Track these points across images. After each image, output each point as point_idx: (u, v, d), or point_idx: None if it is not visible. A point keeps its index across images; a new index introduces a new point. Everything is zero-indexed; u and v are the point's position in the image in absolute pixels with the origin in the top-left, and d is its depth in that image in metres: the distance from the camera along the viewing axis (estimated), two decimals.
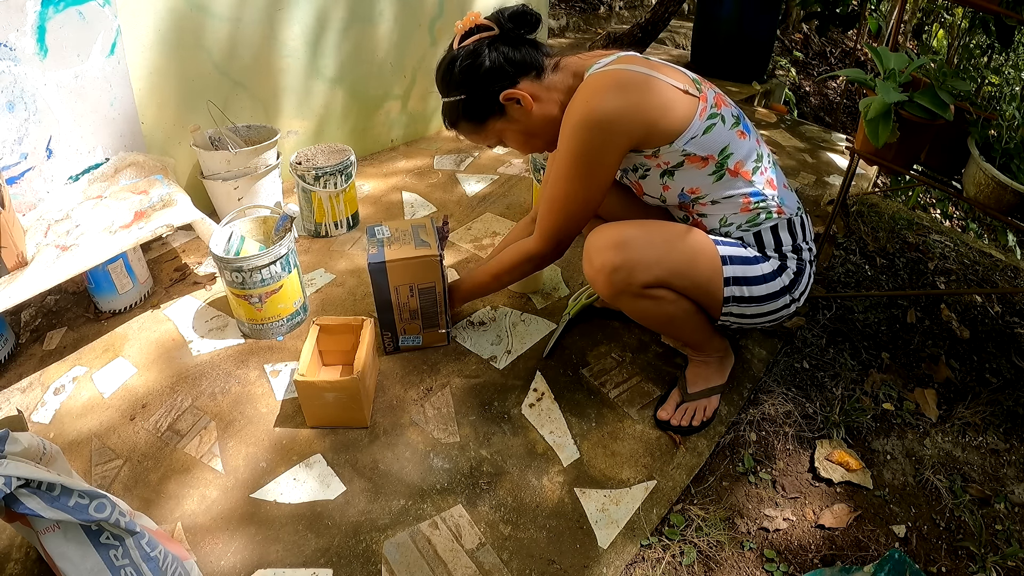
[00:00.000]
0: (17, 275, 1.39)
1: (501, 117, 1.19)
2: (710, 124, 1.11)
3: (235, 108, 2.03)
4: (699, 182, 1.16)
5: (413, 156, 2.55)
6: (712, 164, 1.14)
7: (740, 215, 1.18)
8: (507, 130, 1.21)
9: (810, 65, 4.72)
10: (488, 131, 1.22)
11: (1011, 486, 1.28)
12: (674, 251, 1.15)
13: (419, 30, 2.47)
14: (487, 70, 1.14)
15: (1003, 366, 1.60)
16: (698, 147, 1.11)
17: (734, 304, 1.19)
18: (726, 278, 1.16)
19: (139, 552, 0.93)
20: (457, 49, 1.15)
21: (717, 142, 1.12)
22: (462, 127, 1.23)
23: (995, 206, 1.49)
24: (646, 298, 1.17)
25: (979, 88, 3.18)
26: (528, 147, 1.26)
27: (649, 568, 1.11)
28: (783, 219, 1.20)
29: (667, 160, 1.14)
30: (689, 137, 1.10)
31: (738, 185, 1.16)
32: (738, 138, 1.15)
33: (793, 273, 1.21)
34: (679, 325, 1.24)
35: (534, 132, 1.21)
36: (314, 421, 1.32)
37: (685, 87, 1.11)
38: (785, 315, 1.25)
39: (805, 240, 1.23)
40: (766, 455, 1.32)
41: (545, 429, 1.33)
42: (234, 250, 1.56)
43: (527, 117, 1.18)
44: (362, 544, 1.12)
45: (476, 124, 1.21)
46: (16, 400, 1.42)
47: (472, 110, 1.18)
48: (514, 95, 1.15)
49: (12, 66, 1.50)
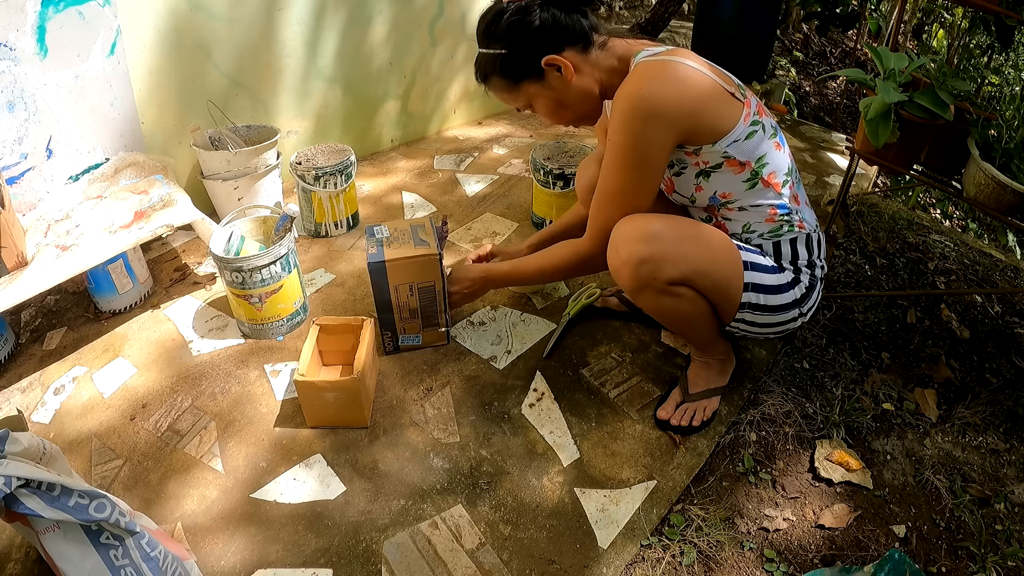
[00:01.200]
0: (17, 275, 1.39)
1: (537, 81, 1.15)
2: (752, 131, 1.11)
3: (235, 108, 2.03)
4: (732, 187, 1.16)
5: (413, 156, 2.55)
6: (748, 171, 1.13)
7: (764, 224, 1.19)
8: (540, 96, 1.17)
9: (810, 65, 4.72)
10: (520, 92, 1.18)
11: (1011, 486, 1.28)
12: (701, 249, 1.14)
13: (419, 30, 2.47)
14: (535, 29, 1.10)
15: (1003, 366, 1.60)
16: (738, 151, 1.11)
17: (748, 310, 1.19)
18: (745, 283, 1.16)
19: (139, 552, 0.93)
20: (507, 2, 1.11)
21: (756, 150, 1.12)
22: (494, 83, 1.18)
23: (995, 206, 1.49)
24: (668, 295, 1.15)
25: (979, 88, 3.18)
26: (556, 117, 1.21)
27: (649, 568, 1.11)
28: (803, 233, 1.20)
29: (707, 160, 1.13)
30: (732, 140, 1.10)
31: (768, 195, 1.16)
32: (774, 149, 1.15)
33: (805, 288, 1.21)
34: (692, 325, 1.24)
35: (567, 103, 1.17)
36: (314, 421, 1.32)
37: (732, 90, 1.11)
38: (791, 328, 1.25)
39: (819, 257, 1.24)
40: (766, 455, 1.32)
41: (545, 429, 1.33)
42: (234, 250, 1.57)
43: (564, 87, 1.15)
44: (362, 544, 1.12)
45: (510, 83, 1.16)
46: (16, 400, 1.42)
47: (510, 67, 1.14)
48: (557, 62, 1.11)
49: (12, 66, 1.50)
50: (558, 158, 1.88)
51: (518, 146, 2.64)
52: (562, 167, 1.82)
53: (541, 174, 1.85)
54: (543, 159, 1.86)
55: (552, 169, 1.82)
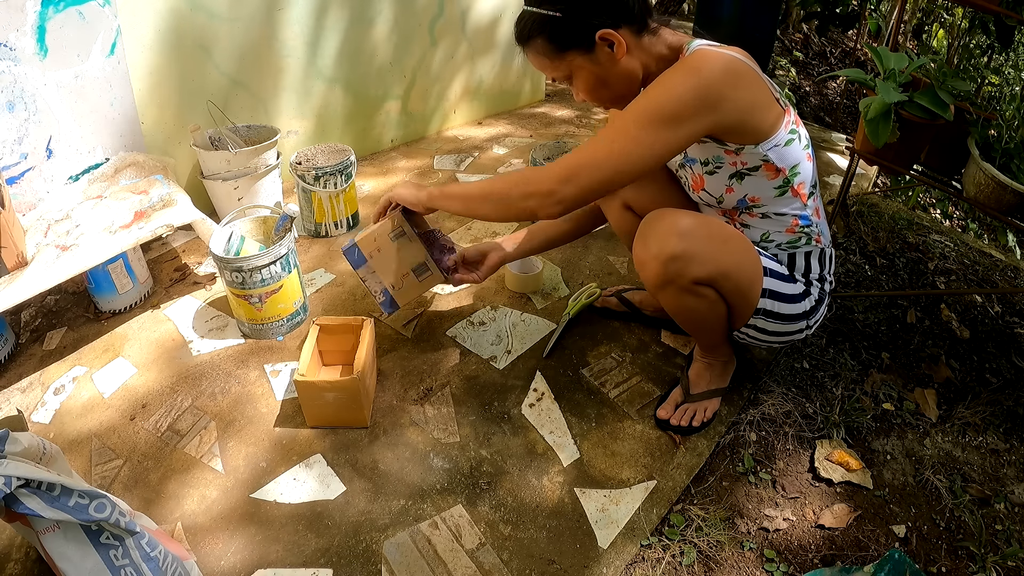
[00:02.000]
0: (17, 275, 1.39)
1: (586, 53, 1.07)
2: (791, 138, 1.10)
3: (235, 108, 2.03)
4: (763, 192, 1.14)
5: (413, 156, 2.55)
6: (781, 178, 1.12)
7: (784, 235, 1.18)
8: (584, 69, 1.09)
9: (810, 65, 4.72)
10: (563, 62, 1.09)
11: (1011, 486, 1.28)
12: (728, 251, 1.12)
13: (419, 30, 2.47)
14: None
15: (1003, 366, 1.60)
16: (777, 157, 1.09)
17: (761, 317, 1.18)
18: (763, 289, 1.15)
19: (139, 552, 0.93)
20: None
21: (792, 158, 1.11)
22: (536, 45, 1.09)
23: (995, 206, 1.49)
24: (691, 294, 1.13)
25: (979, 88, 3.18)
26: (595, 95, 1.14)
27: (649, 568, 1.11)
28: (819, 248, 1.20)
29: (745, 161, 1.11)
30: (773, 144, 1.08)
31: (794, 205, 1.15)
32: (806, 160, 1.14)
33: (814, 301, 1.21)
34: (706, 325, 1.23)
35: (609, 83, 1.11)
36: (314, 421, 1.32)
37: (777, 95, 1.09)
38: (796, 340, 1.25)
39: (829, 272, 1.24)
40: (766, 455, 1.32)
41: (545, 429, 1.33)
42: (234, 250, 1.57)
43: (612, 65, 1.08)
44: (362, 544, 1.12)
45: (555, 48, 1.08)
46: (16, 400, 1.42)
47: (560, 32, 1.05)
48: (612, 37, 1.04)
49: (12, 66, 1.50)
50: (558, 158, 1.87)
51: (518, 146, 2.64)
52: None
53: None
54: (543, 159, 1.86)
55: None
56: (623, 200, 1.37)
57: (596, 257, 1.87)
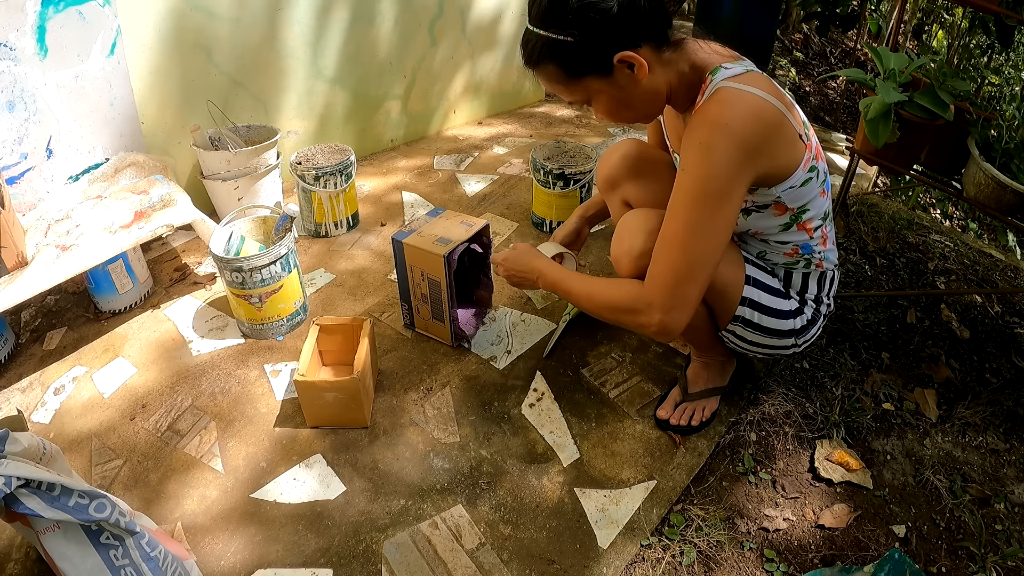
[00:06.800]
0: (17, 275, 1.39)
1: (604, 77, 0.98)
2: (808, 177, 1.04)
3: (235, 108, 2.03)
4: (768, 226, 1.12)
5: (413, 156, 2.55)
6: (788, 215, 1.09)
7: (781, 256, 1.17)
8: (604, 93, 1.01)
9: (810, 65, 4.71)
10: (579, 87, 1.00)
11: (1011, 486, 1.28)
12: None
13: (419, 30, 2.47)
14: (613, 18, 0.92)
15: (1003, 366, 1.60)
16: (789, 197, 1.06)
17: (740, 324, 1.17)
18: (744, 297, 1.13)
19: (139, 552, 0.93)
20: None
21: (805, 197, 1.07)
22: (547, 71, 1.00)
23: (995, 206, 1.49)
24: None
25: (979, 88, 3.18)
26: (618, 117, 1.06)
27: (649, 568, 1.11)
28: (818, 271, 1.19)
29: (756, 200, 1.07)
30: (788, 186, 1.04)
31: (798, 237, 1.13)
32: (820, 197, 1.09)
33: (806, 320, 1.19)
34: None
35: (632, 104, 1.02)
36: (314, 421, 1.32)
37: (800, 131, 1.02)
38: (783, 355, 1.25)
39: (828, 294, 1.22)
40: (766, 455, 1.32)
41: (545, 429, 1.33)
42: (234, 250, 1.57)
43: (634, 86, 0.99)
44: (362, 544, 1.12)
45: (569, 75, 0.99)
46: (16, 400, 1.42)
47: (574, 58, 0.96)
48: (631, 59, 0.95)
49: (12, 66, 1.50)
50: (558, 158, 1.88)
51: (518, 146, 2.64)
52: (562, 167, 1.82)
53: (541, 174, 1.85)
54: (543, 159, 1.86)
55: (552, 169, 1.82)
56: (623, 198, 1.37)
57: (596, 257, 1.87)
